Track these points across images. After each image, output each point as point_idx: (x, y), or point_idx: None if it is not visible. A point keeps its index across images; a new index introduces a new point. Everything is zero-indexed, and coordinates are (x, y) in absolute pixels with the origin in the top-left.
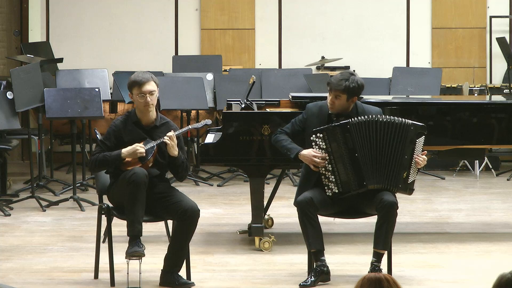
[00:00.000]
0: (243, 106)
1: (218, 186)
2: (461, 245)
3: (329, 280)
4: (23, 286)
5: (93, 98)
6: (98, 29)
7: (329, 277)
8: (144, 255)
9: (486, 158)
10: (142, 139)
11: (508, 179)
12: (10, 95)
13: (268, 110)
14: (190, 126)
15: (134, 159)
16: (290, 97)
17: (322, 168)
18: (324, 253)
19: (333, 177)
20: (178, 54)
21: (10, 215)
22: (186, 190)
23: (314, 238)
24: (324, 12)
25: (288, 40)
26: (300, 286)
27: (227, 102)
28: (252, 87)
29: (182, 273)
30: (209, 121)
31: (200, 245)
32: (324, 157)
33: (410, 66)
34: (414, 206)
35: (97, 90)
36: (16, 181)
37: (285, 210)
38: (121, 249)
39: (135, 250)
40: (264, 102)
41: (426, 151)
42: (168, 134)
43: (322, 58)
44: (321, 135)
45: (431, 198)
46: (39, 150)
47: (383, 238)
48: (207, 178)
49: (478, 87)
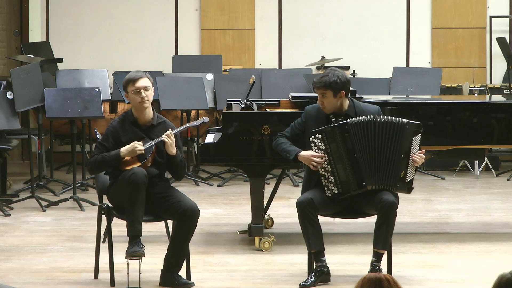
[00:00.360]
0: (243, 106)
1: (218, 186)
2: (461, 245)
3: (329, 280)
4: (23, 286)
5: (93, 98)
6: (98, 29)
7: (329, 277)
8: (144, 255)
9: (486, 158)
10: (140, 139)
11: (508, 179)
12: (10, 95)
13: (268, 110)
14: (187, 124)
15: (133, 159)
16: (290, 97)
17: (322, 168)
18: (324, 253)
19: (332, 177)
20: (178, 54)
21: (10, 215)
22: (186, 190)
23: (314, 239)
24: (324, 12)
25: (288, 40)
26: (300, 286)
27: (227, 102)
28: (252, 87)
29: (182, 273)
30: (206, 118)
31: (200, 245)
32: (323, 156)
33: (410, 66)
34: (414, 206)
35: (97, 90)
36: (16, 181)
37: (285, 210)
38: (121, 249)
39: (135, 250)
40: (264, 102)
41: (424, 150)
42: (166, 133)
43: (322, 58)
44: (320, 136)
45: (431, 198)
46: (39, 150)
47: (383, 238)
48: (207, 178)
49: (478, 87)
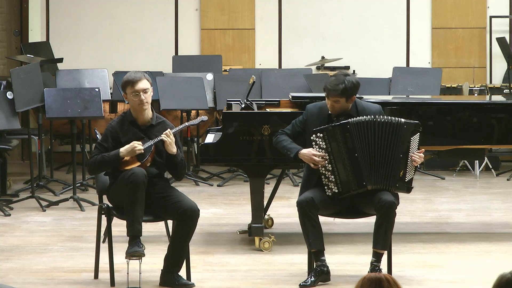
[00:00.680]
0: (243, 106)
1: (218, 186)
2: (461, 245)
3: (329, 280)
4: (23, 286)
5: (93, 98)
6: (98, 29)
7: (329, 277)
8: (144, 255)
9: (486, 158)
10: (139, 139)
11: (508, 179)
12: (10, 95)
13: (268, 110)
14: (186, 123)
15: (132, 159)
16: (290, 97)
17: (322, 167)
18: (324, 253)
19: (332, 177)
20: (178, 54)
21: (10, 215)
22: (186, 190)
23: (314, 238)
24: (324, 12)
25: (288, 40)
26: (300, 286)
27: (227, 102)
28: (252, 87)
29: (182, 273)
30: (205, 117)
31: (200, 245)
32: (323, 155)
33: (410, 66)
34: (414, 206)
35: (97, 90)
36: (16, 181)
37: (285, 210)
38: (121, 249)
39: (135, 250)
40: (264, 102)
41: (423, 149)
42: (165, 132)
43: (322, 58)
44: (321, 135)
45: (431, 198)
46: (39, 150)
47: (383, 238)
48: (207, 178)
49: (478, 87)
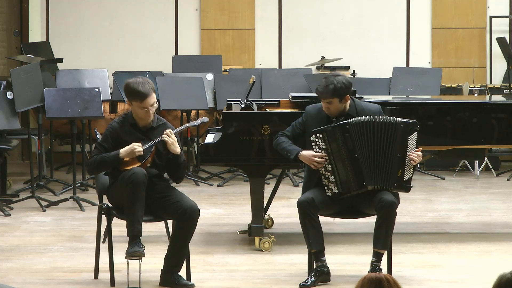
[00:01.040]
0: (243, 106)
1: (218, 186)
2: (461, 245)
3: (329, 280)
4: (23, 286)
5: (93, 98)
6: (98, 29)
7: (329, 277)
8: (144, 255)
9: (486, 158)
10: (139, 140)
11: (508, 179)
12: (10, 95)
13: (268, 110)
14: (187, 124)
15: (132, 159)
16: (290, 97)
17: (322, 168)
18: (324, 253)
19: (333, 177)
20: (178, 54)
21: (10, 215)
22: (186, 190)
23: (314, 238)
24: (324, 12)
25: (288, 40)
26: (300, 286)
27: (227, 102)
28: (252, 87)
29: (182, 273)
30: (206, 118)
31: (200, 245)
32: (323, 156)
33: (410, 66)
34: (414, 206)
35: (97, 90)
36: (16, 181)
37: (285, 210)
38: (121, 249)
39: (135, 250)
40: (264, 102)
41: (420, 148)
42: (165, 132)
43: (322, 58)
44: (321, 136)
45: (431, 198)
46: (39, 150)
47: (383, 237)
48: (207, 178)
49: (478, 87)
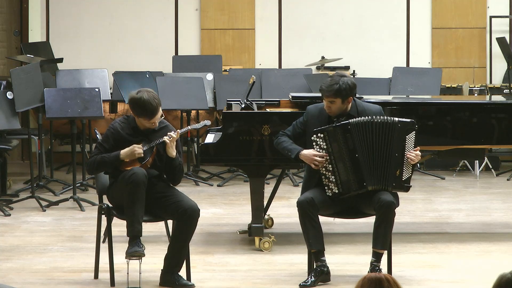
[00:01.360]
0: (243, 106)
1: (218, 186)
2: (461, 245)
3: (329, 280)
4: (23, 286)
5: (93, 98)
6: (98, 29)
7: (329, 277)
8: (144, 255)
9: (486, 158)
10: (139, 142)
11: (508, 179)
12: (10, 95)
13: (268, 110)
14: (189, 127)
15: (133, 160)
16: (290, 97)
17: (323, 168)
18: (324, 253)
19: (333, 177)
20: (178, 54)
21: (10, 215)
22: (186, 190)
23: (314, 238)
24: (324, 12)
25: (288, 40)
26: (300, 286)
27: (227, 102)
28: (252, 87)
29: (182, 273)
30: (208, 122)
31: (200, 245)
32: (324, 155)
33: (410, 66)
34: (414, 206)
35: (97, 90)
36: (16, 181)
37: (285, 210)
38: (121, 249)
39: (135, 250)
40: (264, 102)
41: (419, 147)
42: (169, 134)
43: (322, 58)
44: (322, 135)
45: (431, 198)
46: (39, 150)
47: (382, 237)
48: (207, 178)
49: (478, 87)
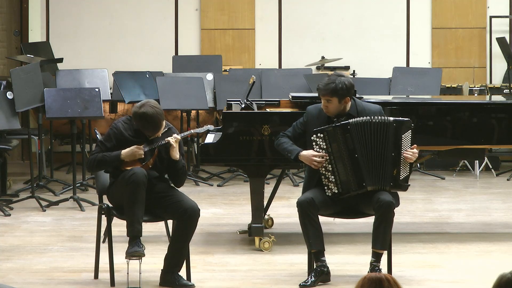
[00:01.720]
0: (243, 106)
1: (218, 186)
2: (461, 245)
3: (329, 280)
4: (23, 286)
5: (93, 98)
6: (98, 29)
7: (329, 277)
8: (144, 255)
9: (486, 158)
10: (142, 142)
11: (508, 179)
12: (10, 95)
13: (268, 110)
14: (192, 131)
15: (133, 160)
16: (290, 97)
17: (322, 168)
18: (324, 253)
19: (333, 177)
20: (178, 54)
21: (10, 215)
22: (186, 190)
23: (314, 239)
24: (324, 12)
25: (288, 40)
26: (300, 286)
27: (227, 102)
28: (252, 87)
29: (182, 273)
30: (211, 126)
31: (200, 245)
32: (324, 155)
33: (410, 66)
34: (414, 206)
35: (97, 90)
36: (16, 181)
37: (285, 210)
38: (121, 249)
39: (135, 250)
40: (264, 102)
41: (415, 145)
42: (174, 136)
43: (322, 58)
44: (321, 135)
45: (431, 198)
46: (39, 150)
47: (381, 238)
48: (207, 178)
49: (478, 87)
